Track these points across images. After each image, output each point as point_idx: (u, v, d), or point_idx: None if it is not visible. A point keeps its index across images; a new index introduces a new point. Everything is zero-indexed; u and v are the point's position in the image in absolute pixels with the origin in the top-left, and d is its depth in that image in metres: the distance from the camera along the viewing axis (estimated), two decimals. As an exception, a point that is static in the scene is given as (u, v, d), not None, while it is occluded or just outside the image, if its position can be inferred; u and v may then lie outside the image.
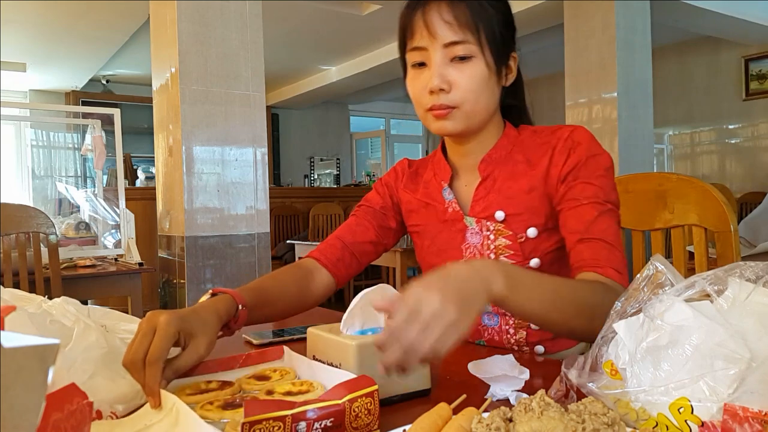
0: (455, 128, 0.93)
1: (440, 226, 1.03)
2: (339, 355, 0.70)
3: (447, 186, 1.03)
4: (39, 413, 0.29)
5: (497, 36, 0.91)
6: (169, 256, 3.10)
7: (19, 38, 5.19)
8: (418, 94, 0.93)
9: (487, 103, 0.93)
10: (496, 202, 0.97)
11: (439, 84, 0.89)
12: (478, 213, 0.98)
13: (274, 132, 8.12)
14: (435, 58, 0.90)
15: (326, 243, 1.08)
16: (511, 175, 0.97)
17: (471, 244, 0.99)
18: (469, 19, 0.88)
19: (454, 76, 0.90)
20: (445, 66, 0.90)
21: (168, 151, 3.09)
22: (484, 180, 0.99)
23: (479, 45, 0.89)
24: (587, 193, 0.90)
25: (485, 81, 0.91)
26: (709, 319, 0.54)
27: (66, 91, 7.01)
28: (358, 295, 0.73)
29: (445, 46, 0.89)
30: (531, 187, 0.95)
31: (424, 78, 0.92)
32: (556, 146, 0.94)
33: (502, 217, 0.96)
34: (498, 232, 0.97)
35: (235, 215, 3.07)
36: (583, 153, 0.92)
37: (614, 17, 3.81)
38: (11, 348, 0.26)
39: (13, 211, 2.20)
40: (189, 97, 2.94)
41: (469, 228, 0.99)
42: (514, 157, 0.98)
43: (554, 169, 0.93)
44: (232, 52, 3.06)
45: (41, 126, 4.02)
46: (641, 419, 0.53)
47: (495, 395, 0.68)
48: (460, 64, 0.90)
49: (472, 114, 0.92)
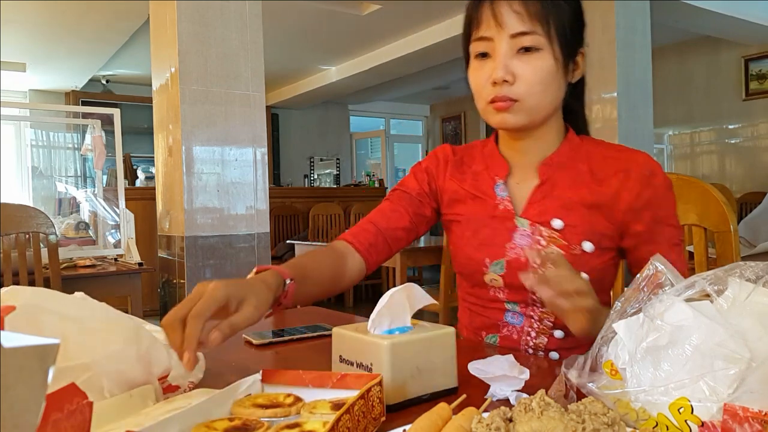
0: (517, 122, 0.90)
1: (487, 220, 0.99)
2: (370, 355, 0.69)
3: (501, 182, 1.00)
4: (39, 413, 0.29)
5: (567, 29, 0.89)
6: (169, 256, 3.10)
7: (19, 38, 5.19)
8: (480, 85, 0.91)
9: (552, 98, 0.91)
10: (553, 208, 0.94)
11: (503, 75, 0.87)
12: (533, 216, 0.95)
13: (274, 132, 8.12)
14: (500, 48, 0.87)
15: (359, 227, 1.04)
16: (572, 182, 0.95)
17: (518, 245, 0.95)
18: (539, 11, 0.86)
19: (519, 68, 0.87)
20: (510, 57, 0.87)
21: (168, 151, 3.09)
22: (543, 183, 0.96)
23: (548, 37, 0.87)
24: (667, 234, 0.92)
25: (552, 75, 0.89)
26: (709, 319, 0.54)
27: (66, 91, 7.01)
28: (385, 294, 0.72)
29: (512, 36, 0.87)
30: (594, 203, 0.93)
31: (487, 69, 0.90)
32: (631, 170, 0.92)
33: (560, 225, 0.93)
34: (551, 239, 0.93)
35: (235, 215, 3.07)
36: (660, 188, 0.92)
37: (614, 17, 3.80)
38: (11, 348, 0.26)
39: (13, 211, 2.20)
40: (189, 97, 2.94)
41: (519, 229, 0.96)
42: (577, 165, 0.96)
43: (627, 195, 0.92)
44: (232, 52, 3.05)
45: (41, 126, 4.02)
46: (641, 419, 0.53)
47: (495, 395, 0.68)
48: (526, 55, 0.87)
49: (535, 108, 0.90)
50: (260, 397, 0.65)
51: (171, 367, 0.71)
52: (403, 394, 0.67)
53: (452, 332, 0.72)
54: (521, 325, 0.98)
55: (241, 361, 0.91)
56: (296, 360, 0.94)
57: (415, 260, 3.53)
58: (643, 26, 3.99)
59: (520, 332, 0.98)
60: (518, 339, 0.98)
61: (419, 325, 0.73)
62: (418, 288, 0.73)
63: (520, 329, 0.98)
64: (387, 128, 9.47)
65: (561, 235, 0.93)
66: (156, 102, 3.22)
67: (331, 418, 0.53)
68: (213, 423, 0.57)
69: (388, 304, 0.72)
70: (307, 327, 1.10)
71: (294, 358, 0.95)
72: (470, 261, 1.00)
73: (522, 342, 0.98)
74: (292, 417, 0.62)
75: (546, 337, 0.96)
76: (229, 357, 0.93)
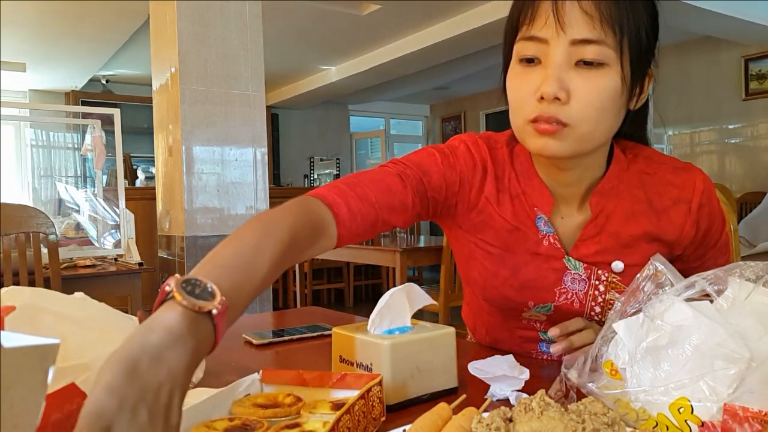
0: (561, 151, 0.73)
1: (528, 258, 0.84)
2: (370, 355, 0.69)
3: (542, 215, 0.83)
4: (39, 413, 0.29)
5: (642, 42, 0.72)
6: (169, 256, 3.10)
7: (19, 38, 5.19)
8: (522, 98, 0.73)
9: (608, 126, 0.74)
10: (612, 248, 0.81)
11: (555, 91, 0.69)
12: (587, 257, 0.82)
13: (274, 132, 8.11)
14: (556, 55, 0.70)
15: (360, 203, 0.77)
16: (629, 214, 0.81)
17: (570, 289, 0.83)
18: (613, 15, 0.69)
19: (576, 84, 0.70)
20: (567, 69, 0.70)
21: (168, 151, 3.09)
22: (596, 217, 0.82)
23: (619, 51, 0.70)
24: (720, 262, 0.86)
25: (615, 98, 0.72)
26: (709, 318, 0.54)
27: (66, 91, 7.01)
28: (385, 294, 0.72)
29: (573, 43, 0.70)
30: (655, 236, 0.81)
31: (534, 78, 0.72)
32: (692, 202, 0.81)
33: (621, 268, 0.81)
34: (611, 285, 0.82)
35: (235, 215, 3.07)
36: (715, 213, 0.83)
37: (614, 17, 3.80)
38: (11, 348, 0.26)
39: (13, 211, 2.20)
40: (189, 97, 2.94)
41: (570, 271, 0.83)
42: (632, 191, 0.82)
43: (690, 230, 0.82)
44: (232, 52, 3.05)
45: (41, 126, 4.02)
46: (641, 419, 0.53)
47: (495, 395, 0.68)
48: (587, 70, 0.70)
49: (587, 137, 0.73)
50: (260, 397, 0.65)
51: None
52: (403, 394, 0.67)
53: (452, 332, 0.72)
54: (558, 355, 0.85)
55: (241, 361, 0.91)
56: (296, 360, 0.94)
57: (415, 260, 3.53)
58: (643, 26, 3.98)
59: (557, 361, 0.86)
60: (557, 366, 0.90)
61: (419, 325, 0.73)
62: (418, 288, 0.73)
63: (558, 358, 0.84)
64: (387, 128, 9.46)
65: (622, 279, 0.81)
66: (156, 102, 3.22)
67: (331, 418, 0.53)
68: (213, 423, 0.57)
69: (388, 304, 0.72)
70: (307, 327, 1.10)
71: (294, 358, 0.95)
72: (508, 301, 0.87)
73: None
74: (292, 417, 0.62)
75: None
76: (229, 357, 0.93)
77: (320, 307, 1.37)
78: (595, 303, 0.83)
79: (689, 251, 0.85)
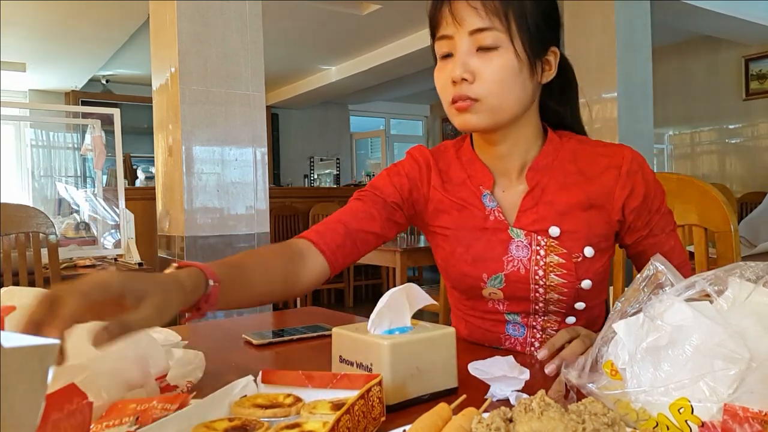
0: (479, 123, 0.87)
1: (478, 233, 0.95)
2: (370, 355, 0.69)
3: (487, 192, 0.96)
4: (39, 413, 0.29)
5: (531, 25, 0.85)
6: (169, 256, 3.10)
7: (19, 38, 5.19)
8: (442, 85, 0.89)
9: (516, 98, 0.87)
10: (548, 216, 0.91)
11: (461, 73, 0.84)
12: (527, 225, 0.92)
13: (274, 132, 8.11)
14: (459, 46, 0.85)
15: (325, 226, 0.95)
16: (562, 186, 0.92)
17: (516, 257, 0.92)
18: (497, 6, 0.84)
19: (478, 66, 0.85)
20: (469, 55, 0.85)
21: (168, 151, 3.09)
22: (532, 189, 0.93)
23: (508, 33, 0.84)
24: (662, 224, 0.94)
25: (514, 73, 0.85)
26: (708, 319, 0.54)
27: (66, 91, 7.01)
28: (385, 294, 0.72)
29: (470, 33, 0.84)
30: (589, 204, 0.91)
31: (448, 69, 0.87)
32: (622, 167, 0.91)
33: (557, 233, 0.90)
34: (550, 249, 0.90)
35: (235, 215, 3.07)
36: (650, 182, 0.92)
37: (614, 17, 3.80)
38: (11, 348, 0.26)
39: (13, 211, 2.20)
40: (189, 97, 2.94)
41: (514, 240, 0.92)
42: (565, 166, 0.93)
43: (621, 193, 0.90)
44: (232, 52, 3.05)
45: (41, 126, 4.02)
46: (641, 419, 0.53)
47: (495, 395, 0.68)
48: (486, 53, 0.85)
49: (498, 109, 0.86)
50: (260, 397, 0.65)
51: (169, 366, 0.71)
52: (403, 394, 0.67)
53: (452, 332, 0.72)
54: (524, 336, 0.96)
55: (241, 361, 0.91)
56: (296, 360, 0.94)
57: (415, 260, 3.53)
58: (643, 26, 3.99)
59: (523, 344, 0.96)
60: (522, 351, 0.97)
61: (419, 325, 0.73)
62: (418, 288, 0.73)
63: (523, 341, 0.96)
64: (387, 128, 9.46)
65: (560, 242, 0.90)
66: (156, 102, 3.22)
67: (331, 418, 0.53)
68: (213, 423, 0.57)
69: (388, 304, 0.71)
70: (307, 327, 1.10)
71: (294, 358, 0.95)
72: (466, 277, 0.96)
73: (527, 353, 0.96)
74: (292, 417, 0.62)
75: None
76: (229, 357, 0.93)
77: (320, 307, 1.37)
78: (537, 267, 0.91)
79: (632, 218, 0.92)
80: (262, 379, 0.71)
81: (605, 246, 0.93)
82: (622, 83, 3.84)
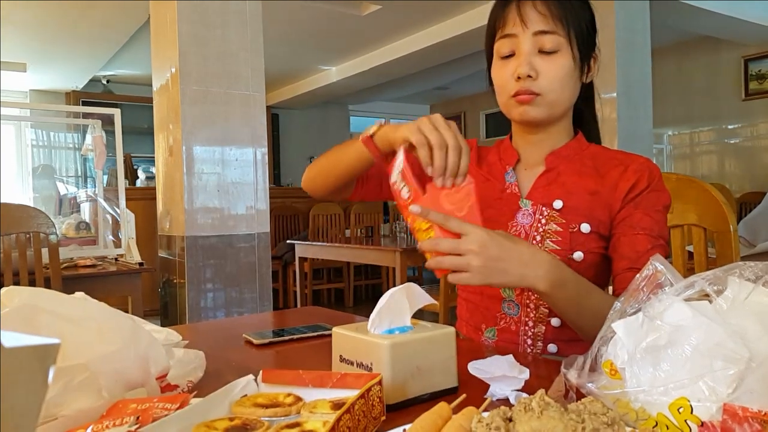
0: (537, 115, 0.98)
1: (492, 201, 1.05)
2: (370, 354, 0.69)
3: (511, 169, 1.07)
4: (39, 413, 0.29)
5: (584, 32, 0.98)
6: (169, 256, 3.10)
7: (19, 38, 5.19)
8: (505, 80, 0.98)
9: (569, 95, 0.99)
10: (557, 192, 1.00)
11: (528, 70, 0.94)
12: (536, 198, 1.02)
13: (274, 132, 8.11)
14: (524, 46, 0.95)
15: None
16: (577, 172, 1.02)
17: (519, 223, 1.01)
18: (560, 13, 0.95)
19: (541, 66, 0.95)
20: (533, 55, 0.95)
21: (168, 151, 3.09)
22: (548, 171, 1.03)
23: (567, 38, 0.95)
24: (644, 224, 0.95)
25: (570, 73, 0.97)
26: (708, 319, 0.54)
27: (66, 91, 7.00)
28: (385, 294, 0.72)
29: (534, 34, 0.95)
30: (596, 191, 0.99)
31: (511, 66, 0.97)
32: (630, 166, 0.99)
33: (560, 206, 0.99)
34: (551, 218, 0.99)
35: (235, 215, 3.07)
36: (652, 183, 0.98)
37: (614, 17, 3.80)
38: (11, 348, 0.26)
39: (13, 211, 2.20)
40: (189, 97, 2.94)
41: (522, 209, 1.02)
42: (583, 160, 1.03)
43: (623, 184, 0.98)
44: (232, 52, 3.06)
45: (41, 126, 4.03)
46: (641, 419, 0.53)
47: (495, 395, 0.68)
48: (547, 56, 0.95)
49: (555, 103, 0.98)
50: (260, 397, 0.65)
51: (169, 366, 0.71)
52: (403, 393, 0.67)
53: (452, 332, 0.72)
54: (518, 315, 1.01)
55: (241, 361, 0.91)
56: (296, 360, 0.94)
57: (415, 260, 3.53)
58: (643, 26, 3.99)
59: (517, 323, 1.01)
60: (516, 330, 1.00)
61: (419, 325, 0.73)
62: (418, 288, 0.73)
63: (517, 320, 1.01)
64: (387, 128, 9.46)
65: (561, 214, 0.98)
66: (156, 102, 3.22)
67: (332, 418, 0.53)
68: (213, 423, 0.57)
69: (388, 304, 0.72)
70: (307, 327, 1.10)
71: (294, 358, 0.95)
72: None
73: (521, 333, 0.99)
74: (293, 416, 0.62)
75: (543, 325, 0.99)
76: (229, 357, 0.93)
77: (320, 307, 1.38)
78: (536, 233, 0.99)
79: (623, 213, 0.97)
80: (262, 379, 0.71)
81: (603, 233, 0.98)
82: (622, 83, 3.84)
